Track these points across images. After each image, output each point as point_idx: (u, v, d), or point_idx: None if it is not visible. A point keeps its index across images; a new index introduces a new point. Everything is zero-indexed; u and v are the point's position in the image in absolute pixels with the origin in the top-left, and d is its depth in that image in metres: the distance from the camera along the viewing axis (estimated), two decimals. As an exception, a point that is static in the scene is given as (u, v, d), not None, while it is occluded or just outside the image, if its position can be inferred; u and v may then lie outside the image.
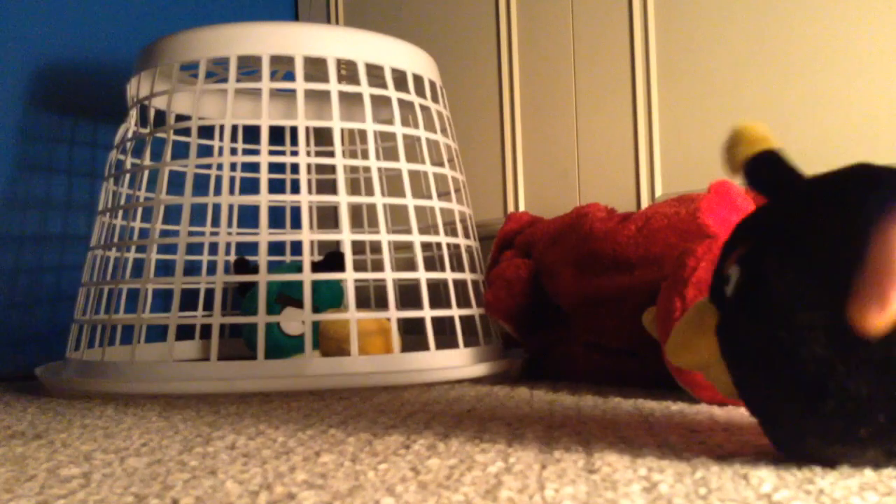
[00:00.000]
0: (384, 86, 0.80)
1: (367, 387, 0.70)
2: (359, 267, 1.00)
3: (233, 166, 1.03)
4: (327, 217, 1.17)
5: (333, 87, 0.76)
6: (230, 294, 1.04)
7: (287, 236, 0.80)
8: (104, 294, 0.85)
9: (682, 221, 0.68)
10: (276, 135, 1.05)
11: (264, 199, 0.74)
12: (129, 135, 0.84)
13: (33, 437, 0.51)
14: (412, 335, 0.83)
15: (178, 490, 0.36)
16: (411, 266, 0.80)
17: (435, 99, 0.87)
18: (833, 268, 0.30)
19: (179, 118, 0.89)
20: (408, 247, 0.84)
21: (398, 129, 0.80)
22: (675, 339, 0.41)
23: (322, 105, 1.03)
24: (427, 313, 0.75)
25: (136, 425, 0.55)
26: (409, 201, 0.78)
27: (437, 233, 0.81)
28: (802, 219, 0.33)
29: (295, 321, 0.91)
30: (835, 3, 0.83)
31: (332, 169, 0.96)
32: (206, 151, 0.97)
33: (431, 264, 0.83)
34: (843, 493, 0.32)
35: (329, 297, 0.95)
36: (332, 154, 0.78)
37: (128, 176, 0.83)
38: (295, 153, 0.97)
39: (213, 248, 0.99)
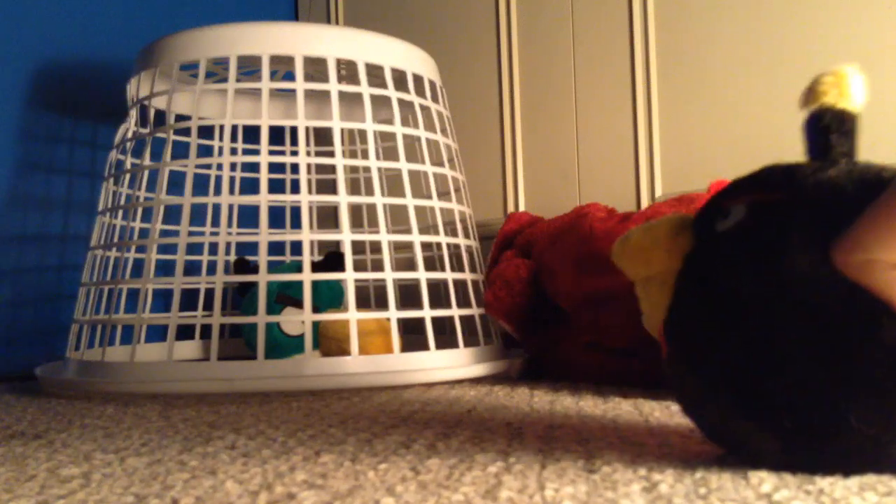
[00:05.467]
0: (384, 86, 0.80)
1: (367, 387, 0.70)
2: (359, 267, 1.00)
3: (233, 166, 1.03)
4: (327, 217, 1.17)
5: (333, 87, 0.76)
6: (230, 294, 1.04)
7: (287, 236, 0.80)
8: (104, 294, 0.85)
9: (682, 221, 0.68)
10: (276, 135, 1.05)
11: (264, 199, 0.74)
12: (129, 135, 0.84)
13: (33, 437, 0.51)
14: (412, 335, 0.83)
15: (178, 490, 0.36)
16: (411, 266, 0.80)
17: (435, 99, 0.87)
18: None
19: (179, 118, 0.89)
20: (408, 247, 0.84)
21: (398, 129, 0.80)
22: (633, 239, 0.39)
23: (322, 105, 1.03)
24: (427, 313, 0.75)
25: (136, 425, 0.55)
26: (409, 201, 0.78)
27: (437, 233, 0.81)
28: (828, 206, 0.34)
29: (295, 321, 0.91)
30: (835, 2, 0.83)
31: (332, 169, 0.96)
32: (206, 151, 0.97)
33: (431, 264, 0.83)
34: (843, 493, 0.32)
35: (329, 297, 0.95)
36: (332, 154, 0.78)
37: (128, 176, 0.83)
38: (295, 153, 0.97)
39: (213, 248, 0.99)
